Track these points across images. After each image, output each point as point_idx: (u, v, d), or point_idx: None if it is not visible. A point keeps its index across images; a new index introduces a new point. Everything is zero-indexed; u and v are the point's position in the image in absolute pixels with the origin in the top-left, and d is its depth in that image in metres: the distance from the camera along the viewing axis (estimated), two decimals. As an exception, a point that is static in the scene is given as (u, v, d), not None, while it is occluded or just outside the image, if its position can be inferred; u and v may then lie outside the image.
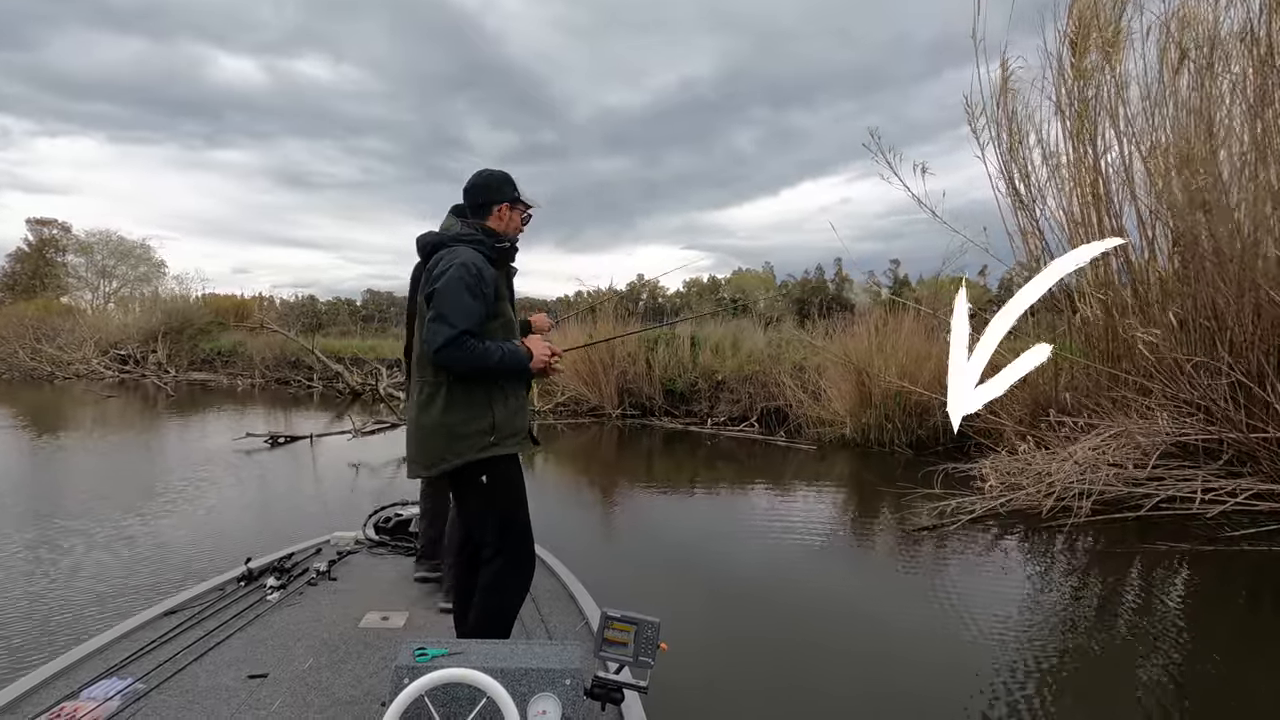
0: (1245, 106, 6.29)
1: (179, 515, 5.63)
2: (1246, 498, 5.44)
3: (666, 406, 12.32)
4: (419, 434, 2.25)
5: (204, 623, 2.74)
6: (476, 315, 2.16)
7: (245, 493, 6.69)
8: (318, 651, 2.55)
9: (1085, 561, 4.69)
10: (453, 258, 2.19)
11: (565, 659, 1.75)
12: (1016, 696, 2.91)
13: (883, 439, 8.98)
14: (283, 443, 9.59)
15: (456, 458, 2.19)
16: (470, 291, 2.15)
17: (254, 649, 2.55)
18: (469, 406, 2.20)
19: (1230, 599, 4.18)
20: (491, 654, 1.75)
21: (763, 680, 3.04)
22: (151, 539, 4.94)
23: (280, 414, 13.80)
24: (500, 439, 2.23)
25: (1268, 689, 3.01)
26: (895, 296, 14.71)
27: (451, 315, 2.11)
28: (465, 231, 2.31)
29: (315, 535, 3.98)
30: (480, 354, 2.14)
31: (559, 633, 2.75)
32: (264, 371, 21.00)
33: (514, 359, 2.24)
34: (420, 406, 2.25)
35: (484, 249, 2.28)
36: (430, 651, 1.72)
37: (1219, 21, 6.50)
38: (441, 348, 2.10)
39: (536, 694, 1.65)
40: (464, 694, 1.59)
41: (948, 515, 5.28)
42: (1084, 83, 7.44)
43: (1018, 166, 7.93)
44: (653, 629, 1.74)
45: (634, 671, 1.74)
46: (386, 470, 7.90)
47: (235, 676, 2.34)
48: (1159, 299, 6.87)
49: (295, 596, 3.09)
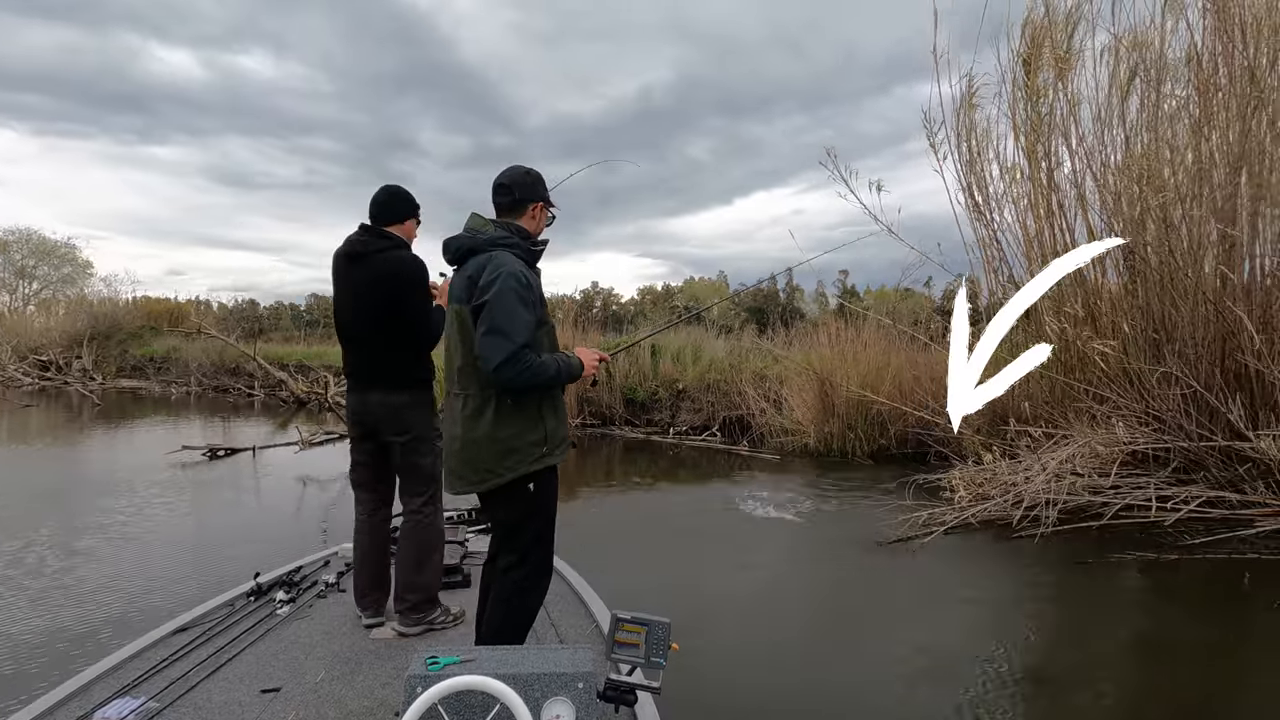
0: (1189, 127, 6.55)
1: (102, 549, 5.16)
2: (1198, 505, 5.61)
3: (627, 416, 12.17)
4: (468, 448, 2.14)
5: (215, 639, 2.75)
6: (530, 326, 2.07)
7: (176, 517, 6.22)
8: (330, 663, 2.57)
9: (1056, 572, 4.74)
10: (499, 265, 2.08)
11: (577, 662, 1.74)
12: (996, 706, 2.86)
13: (845, 448, 9.02)
14: (223, 455, 9.04)
15: (510, 472, 2.11)
16: (523, 301, 2.05)
17: (266, 663, 2.56)
18: (522, 419, 2.12)
19: (1191, 606, 4.26)
20: (504, 660, 1.75)
21: (735, 690, 2.91)
22: (53, 588, 4.18)
23: (219, 424, 13.08)
24: (552, 449, 2.18)
25: (1224, 695, 3.04)
26: (845, 303, 15.02)
27: (508, 329, 2.01)
28: (501, 235, 2.19)
29: (264, 562, 3.70)
30: (538, 368, 2.06)
31: (570, 636, 2.78)
32: (201, 379, 19.99)
33: (568, 371, 2.17)
34: (468, 419, 2.13)
35: (520, 252, 2.18)
36: (442, 660, 1.71)
37: (1165, 44, 6.76)
38: (502, 364, 2.00)
39: (550, 698, 1.66)
40: (477, 701, 1.58)
41: (920, 526, 5.28)
42: (1037, 100, 7.66)
43: (975, 180, 8.12)
44: (664, 629, 1.76)
45: (646, 672, 1.76)
46: (336, 485, 7.51)
47: (248, 691, 2.35)
48: (1110, 312, 7.08)
49: (305, 609, 3.09)
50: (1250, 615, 4.09)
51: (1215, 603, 4.28)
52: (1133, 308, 6.88)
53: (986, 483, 5.88)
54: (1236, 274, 6.18)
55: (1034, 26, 7.68)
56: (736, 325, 20.31)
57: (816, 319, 21.16)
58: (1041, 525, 5.20)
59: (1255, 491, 5.67)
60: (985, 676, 3.20)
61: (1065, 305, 7.49)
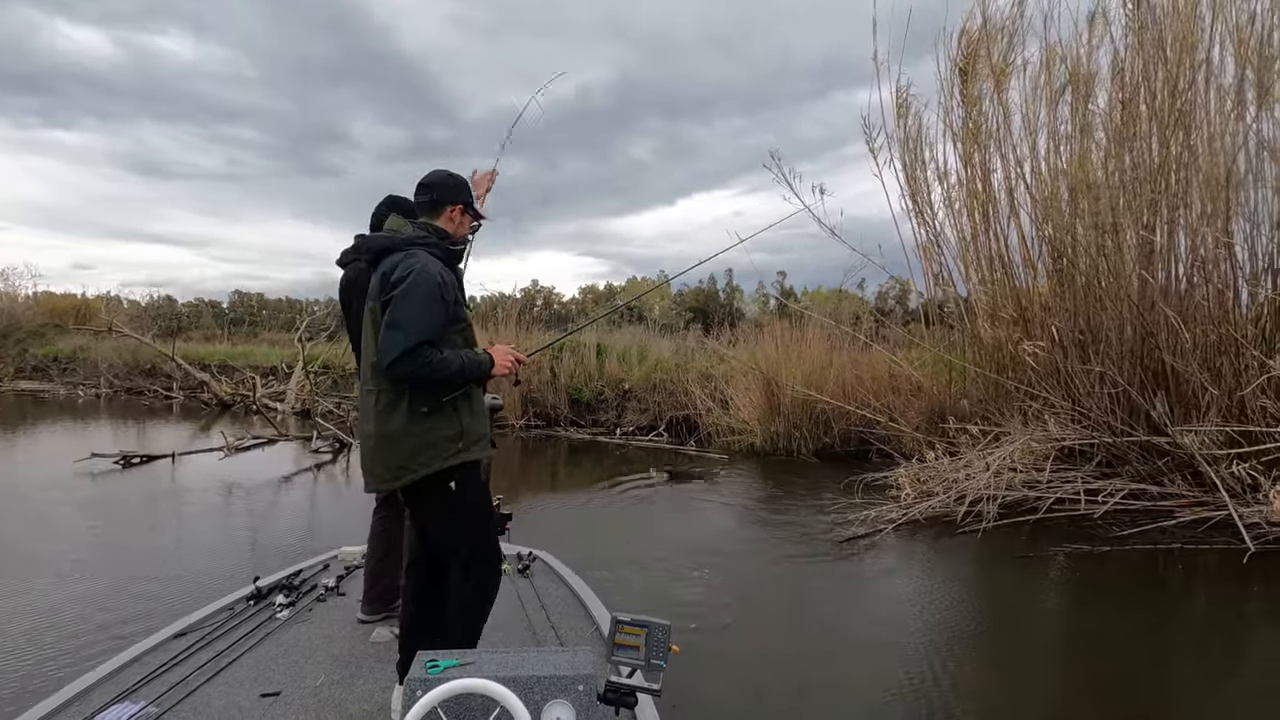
0: (1112, 138, 6.89)
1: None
2: (1123, 498, 5.91)
3: (572, 416, 12.01)
4: (380, 444, 2.12)
5: (214, 643, 2.73)
6: (436, 323, 2.05)
7: (81, 538, 5.73)
8: (329, 667, 2.57)
9: (1001, 567, 4.89)
10: (412, 263, 2.08)
11: (577, 665, 1.74)
12: (935, 692, 2.92)
13: (790, 447, 9.13)
14: (138, 463, 8.42)
15: (423, 467, 2.08)
16: (431, 299, 2.04)
17: (265, 667, 2.56)
18: (435, 413, 2.09)
19: (1120, 596, 4.46)
20: (504, 663, 1.74)
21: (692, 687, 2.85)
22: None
23: (133, 429, 12.22)
24: (469, 444, 2.15)
25: (1149, 678, 3.19)
26: (784, 301, 15.31)
27: (409, 325, 2.00)
28: (419, 234, 2.19)
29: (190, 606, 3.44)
30: (438, 365, 2.02)
31: (570, 639, 2.79)
32: (112, 380, 18.68)
33: (475, 368, 2.13)
34: (381, 415, 2.11)
35: (439, 251, 2.18)
36: (442, 663, 1.71)
37: (1091, 58, 7.10)
38: (397, 359, 1.98)
39: (550, 701, 1.66)
40: (477, 704, 1.59)
41: (870, 524, 5.36)
42: (973, 110, 7.93)
43: (915, 186, 8.35)
44: (663, 631, 1.76)
45: (646, 675, 1.76)
46: (265, 492, 7.09)
47: (248, 696, 2.35)
48: (1041, 314, 7.40)
49: (305, 613, 3.09)
50: (1171, 603, 4.32)
51: (1142, 592, 4.49)
52: (1060, 310, 7.21)
53: (931, 479, 6.03)
54: (1155, 278, 6.54)
55: (969, 37, 7.95)
56: (681, 325, 20.39)
57: (758, 319, 21.46)
58: (984, 521, 5.36)
59: (1174, 484, 6.02)
60: (936, 670, 3.24)
61: (999, 309, 7.80)
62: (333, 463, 8.92)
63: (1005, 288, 7.84)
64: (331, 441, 9.75)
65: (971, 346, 8.15)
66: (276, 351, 21.40)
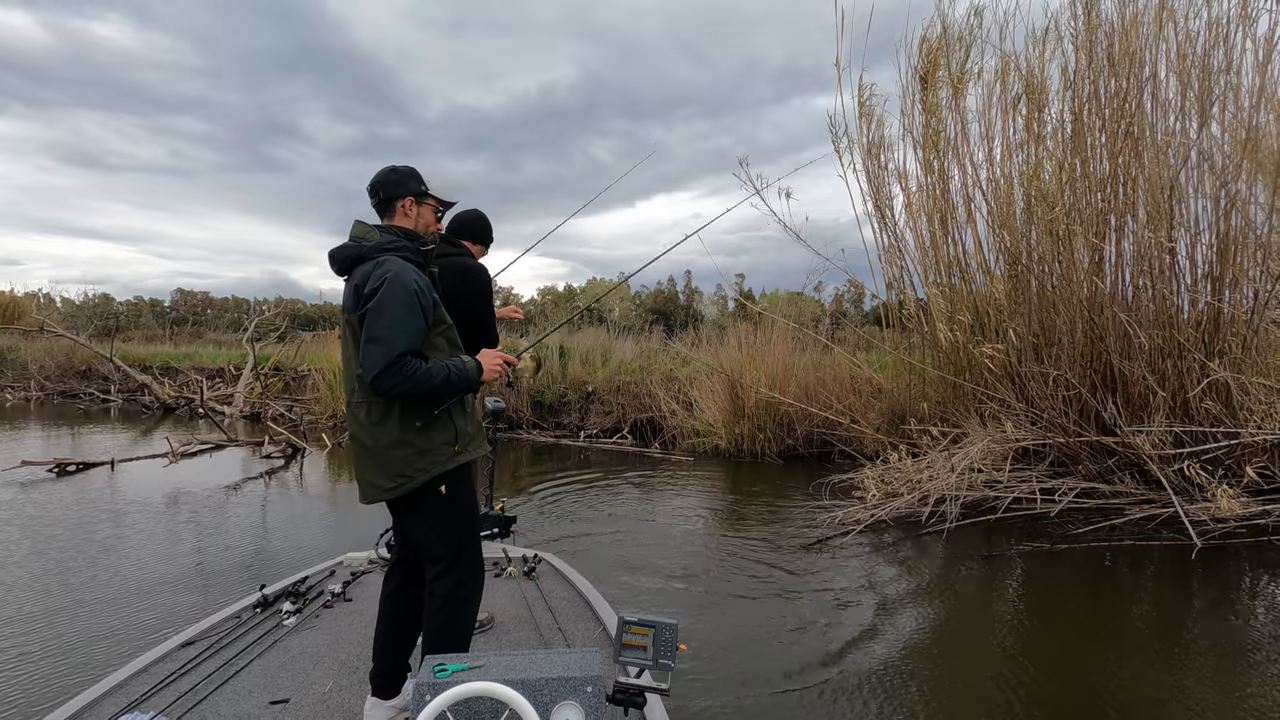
0: (1066, 148, 7.12)
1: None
2: (1076, 497, 6.09)
3: (535, 419, 11.87)
4: (377, 455, 2.07)
5: (222, 652, 2.74)
6: (416, 332, 2.01)
7: (9, 552, 5.38)
8: (337, 674, 2.58)
9: (965, 566, 4.98)
10: (383, 272, 2.01)
11: (585, 666, 1.74)
12: (903, 692, 2.94)
13: (755, 449, 9.18)
14: (74, 471, 7.96)
15: (423, 474, 2.05)
16: (408, 307, 1.98)
17: (274, 675, 2.56)
18: (428, 419, 2.06)
19: (1075, 591, 4.60)
20: (511, 665, 1.74)
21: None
22: None
23: (67, 434, 11.57)
24: (464, 446, 2.14)
25: (1103, 667, 3.28)
26: (745, 304, 15.43)
27: (387, 338, 1.95)
28: (387, 240, 2.11)
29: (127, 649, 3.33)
30: (422, 376, 1.98)
31: (577, 640, 2.80)
32: (44, 383, 17.70)
33: (461, 376, 2.08)
34: (373, 427, 2.06)
35: (409, 254, 2.11)
36: (450, 667, 1.70)
37: (1045, 70, 7.32)
38: (380, 374, 1.94)
39: (559, 703, 1.65)
40: (486, 707, 1.59)
41: (836, 525, 5.40)
42: (933, 118, 8.11)
43: (874, 189, 8.49)
44: (670, 631, 1.76)
45: (654, 674, 1.76)
46: (214, 500, 6.78)
47: (257, 704, 2.35)
48: (998, 318, 7.60)
49: (312, 620, 3.09)
50: (1123, 597, 4.46)
51: (1095, 587, 4.63)
52: (1016, 313, 7.42)
53: (895, 480, 6.11)
54: (1105, 283, 6.78)
55: (930, 45, 8.13)
56: (643, 327, 20.37)
57: (718, 320, 21.54)
58: (947, 521, 5.46)
59: (1123, 483, 6.24)
60: (907, 670, 3.27)
61: (957, 312, 7.98)
62: (285, 469, 8.59)
63: (963, 292, 8.03)
64: (284, 446, 9.40)
65: (931, 349, 8.32)
66: (224, 353, 20.62)
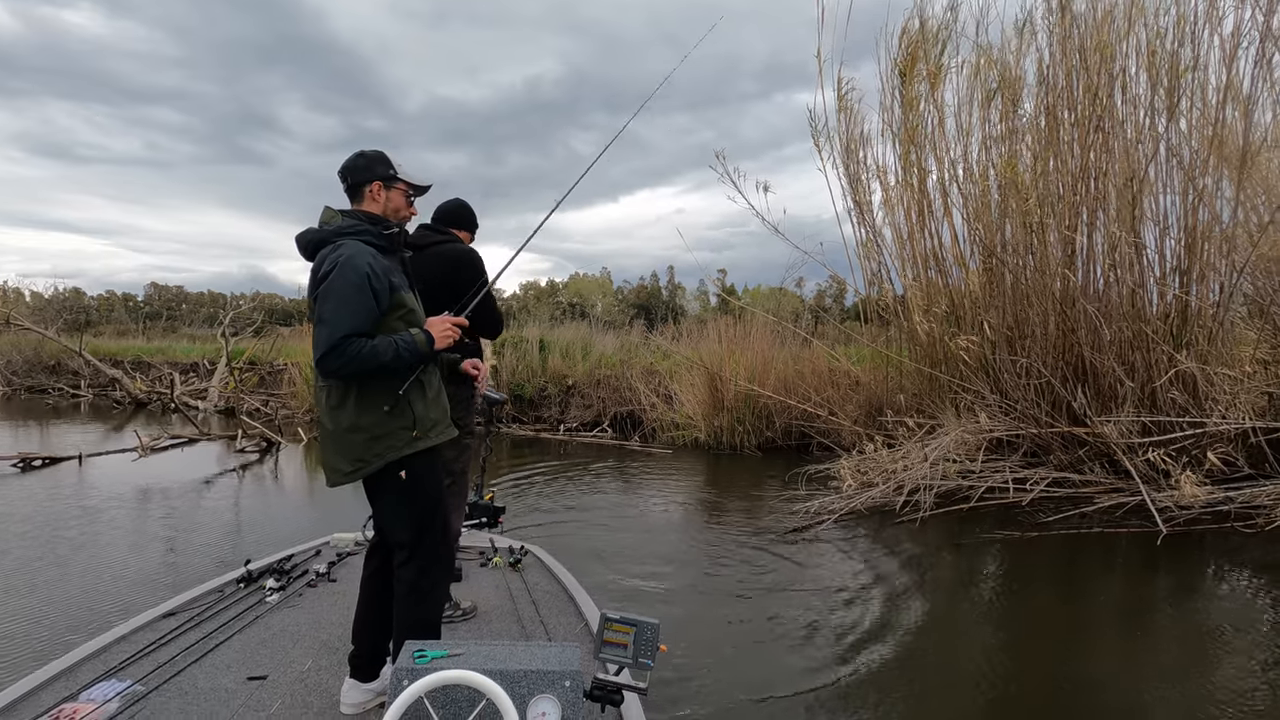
0: (1039, 141, 7.21)
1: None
2: (1047, 485, 6.20)
3: (514, 413, 11.81)
4: (336, 439, 2.09)
5: (203, 625, 2.74)
6: (364, 314, 2.00)
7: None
8: (317, 653, 2.57)
9: (939, 554, 5.04)
10: (336, 255, 2.02)
11: (565, 660, 1.75)
12: (878, 677, 2.96)
13: (734, 441, 9.22)
14: (40, 466, 7.79)
15: (379, 459, 2.06)
16: (356, 289, 1.98)
17: (253, 651, 2.56)
18: (385, 404, 2.05)
19: (1046, 577, 4.68)
20: (491, 655, 1.75)
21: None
22: None
23: (35, 429, 11.32)
24: (424, 432, 2.12)
25: (1072, 651, 3.35)
26: (726, 298, 15.49)
27: (333, 319, 1.96)
28: (347, 224, 2.11)
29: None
30: (368, 355, 1.97)
31: (558, 634, 2.78)
32: (11, 378, 17.30)
33: (411, 349, 2.05)
34: (333, 411, 2.08)
35: (371, 238, 2.10)
36: (430, 653, 1.71)
37: (1019, 64, 7.41)
38: (324, 356, 1.96)
39: (536, 695, 1.66)
40: (463, 695, 1.60)
41: (813, 515, 5.44)
42: (912, 112, 8.17)
43: (851, 182, 8.54)
44: (652, 630, 1.75)
45: (633, 673, 1.76)
46: (188, 497, 6.66)
47: (235, 678, 2.35)
48: (973, 310, 7.68)
49: (295, 598, 3.09)
50: (1093, 582, 4.54)
51: (1065, 573, 4.71)
52: (990, 306, 7.52)
53: (871, 470, 6.17)
54: (1076, 276, 6.88)
55: (909, 38, 8.18)
56: (625, 321, 20.35)
57: (700, 315, 21.59)
58: (921, 510, 5.52)
59: (1093, 472, 6.35)
60: (879, 655, 3.31)
61: (933, 305, 8.06)
62: (260, 463, 8.47)
63: (939, 284, 8.11)
64: (258, 440, 9.27)
65: (908, 342, 8.40)
66: (198, 348, 20.29)
